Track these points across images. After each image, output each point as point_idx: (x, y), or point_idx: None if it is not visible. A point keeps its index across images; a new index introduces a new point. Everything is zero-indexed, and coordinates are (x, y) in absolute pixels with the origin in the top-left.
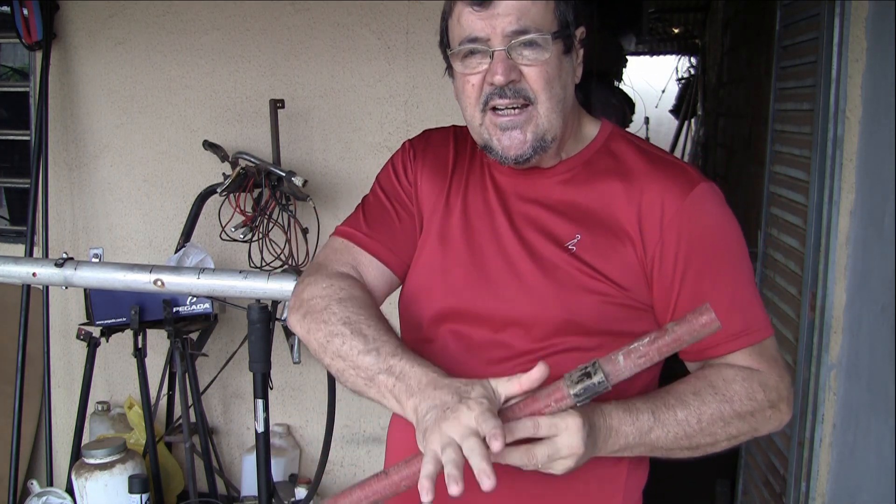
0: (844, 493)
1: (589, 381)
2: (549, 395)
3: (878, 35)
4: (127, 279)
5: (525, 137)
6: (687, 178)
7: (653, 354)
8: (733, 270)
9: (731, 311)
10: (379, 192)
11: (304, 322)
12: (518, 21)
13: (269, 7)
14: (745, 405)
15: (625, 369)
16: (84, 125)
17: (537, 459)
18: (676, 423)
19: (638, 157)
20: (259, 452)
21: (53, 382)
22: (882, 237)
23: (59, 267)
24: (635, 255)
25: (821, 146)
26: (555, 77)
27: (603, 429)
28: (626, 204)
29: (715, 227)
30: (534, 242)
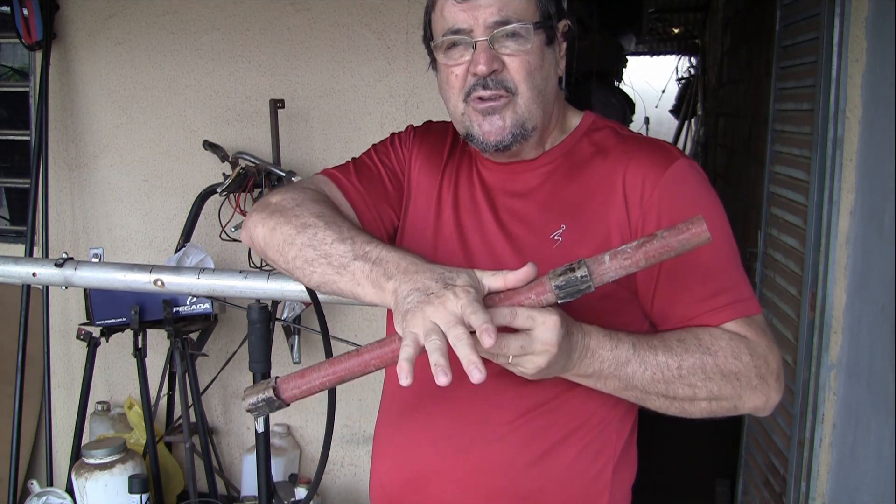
0: (844, 493)
1: (572, 275)
2: (530, 288)
3: (878, 35)
4: (127, 279)
5: (504, 123)
6: (666, 154)
7: (639, 258)
8: (717, 244)
9: (717, 284)
10: (373, 154)
11: (270, 220)
12: (500, 12)
13: (269, 7)
14: (730, 363)
15: (609, 269)
16: (84, 125)
17: (509, 349)
18: (656, 364)
19: (617, 140)
20: (259, 452)
21: (53, 382)
22: (882, 237)
23: (59, 267)
24: (621, 237)
25: (821, 146)
26: (536, 68)
27: (580, 345)
28: (609, 184)
29: (696, 201)
30: (519, 236)
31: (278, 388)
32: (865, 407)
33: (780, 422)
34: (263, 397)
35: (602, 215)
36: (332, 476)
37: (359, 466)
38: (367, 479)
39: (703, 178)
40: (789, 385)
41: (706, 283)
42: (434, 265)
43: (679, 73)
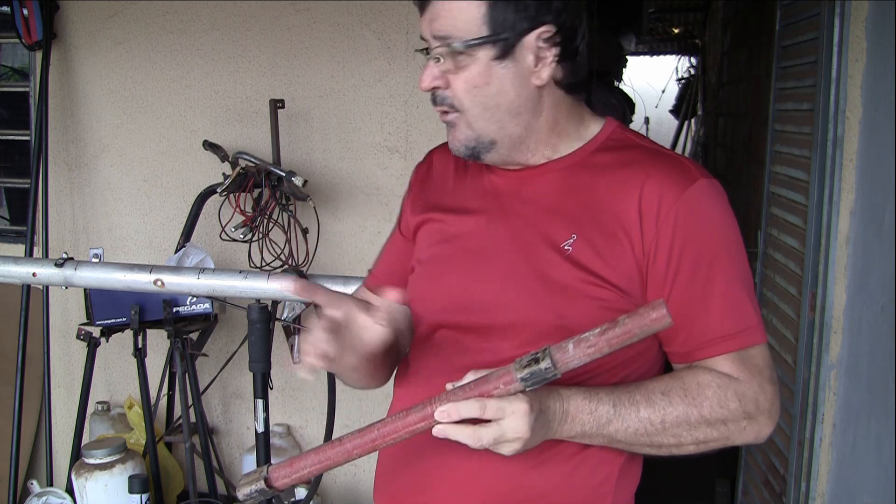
0: (844, 493)
1: (536, 367)
2: (499, 378)
3: (878, 35)
4: (127, 279)
5: (458, 137)
6: (686, 173)
7: (602, 345)
8: (728, 270)
9: (722, 313)
10: (396, 227)
11: None
12: (442, 27)
13: (269, 7)
14: (716, 412)
15: (574, 358)
16: (84, 125)
17: (483, 441)
18: (638, 420)
19: (638, 152)
20: (259, 452)
21: (53, 382)
22: (882, 237)
23: (59, 267)
24: (632, 252)
25: (821, 146)
26: (481, 85)
27: (558, 413)
28: (625, 200)
29: (711, 224)
30: (530, 244)
31: (269, 478)
32: (865, 407)
33: (780, 422)
34: (256, 488)
35: (615, 230)
36: (332, 476)
37: (359, 466)
38: (367, 480)
39: (723, 200)
40: (789, 385)
41: (711, 311)
42: None
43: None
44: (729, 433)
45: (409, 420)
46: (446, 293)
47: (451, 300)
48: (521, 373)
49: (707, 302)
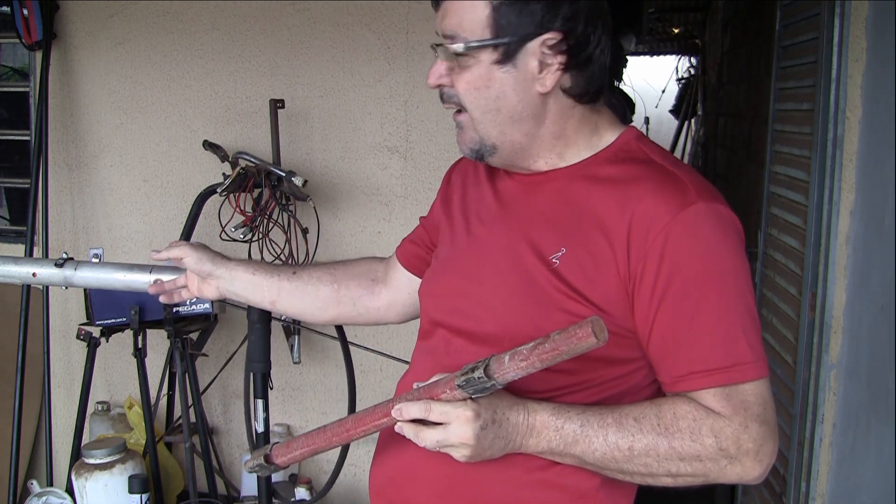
0: (844, 493)
1: (471, 375)
2: (445, 384)
3: (878, 35)
4: (127, 279)
5: (465, 138)
6: (684, 195)
7: (533, 360)
8: (721, 300)
9: (709, 345)
10: (428, 212)
11: None
12: (449, 25)
13: (269, 7)
14: (687, 447)
15: (509, 370)
16: (84, 125)
17: (426, 442)
18: (605, 444)
19: (643, 167)
20: None
21: (53, 382)
22: (882, 237)
23: (59, 267)
24: (618, 273)
25: (821, 146)
26: (481, 87)
27: (521, 425)
28: (619, 217)
29: (704, 250)
30: (521, 253)
31: (270, 455)
32: (865, 407)
33: (780, 422)
34: (258, 462)
35: (603, 248)
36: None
37: (359, 466)
38: (366, 479)
39: (721, 226)
40: (789, 385)
41: (698, 342)
42: None
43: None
44: (706, 470)
45: (375, 415)
46: (445, 293)
47: (448, 301)
48: (458, 379)
49: (694, 332)
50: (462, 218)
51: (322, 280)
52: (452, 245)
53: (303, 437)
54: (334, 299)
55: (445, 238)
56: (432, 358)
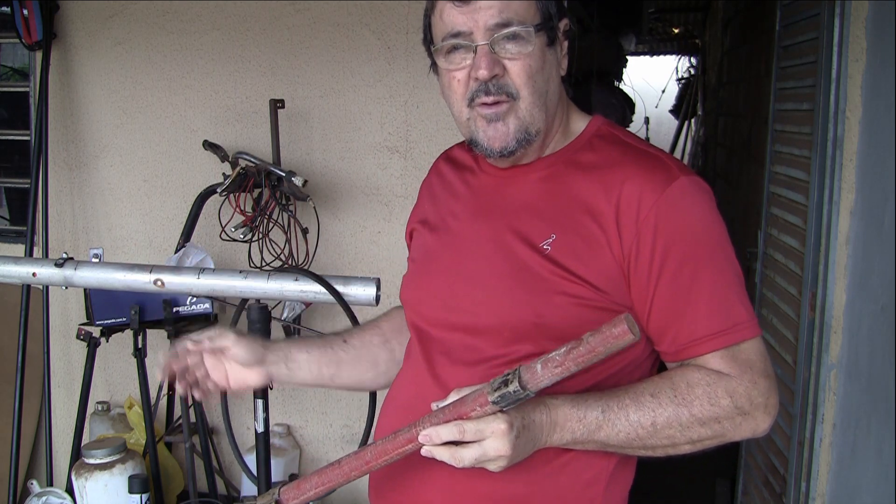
0: (844, 493)
1: (506, 390)
2: (475, 400)
3: (878, 35)
4: (127, 279)
5: (508, 129)
6: (666, 171)
7: (569, 365)
8: (713, 267)
9: (709, 311)
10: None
11: None
12: (500, 14)
13: (269, 7)
14: (707, 411)
15: (543, 378)
16: (84, 125)
17: (465, 462)
18: (628, 424)
19: (620, 151)
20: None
21: (53, 382)
22: (882, 237)
23: (59, 267)
24: (612, 253)
25: (821, 146)
26: (538, 70)
27: (546, 424)
28: (605, 198)
29: (693, 222)
30: (509, 243)
31: (280, 499)
32: (865, 407)
33: (780, 422)
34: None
35: (593, 230)
36: None
37: None
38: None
39: (705, 197)
40: (789, 385)
41: (698, 309)
42: None
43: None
44: (724, 430)
45: (398, 442)
46: (433, 292)
47: (437, 299)
48: (492, 396)
49: (693, 301)
50: (436, 220)
51: (373, 342)
52: (428, 247)
53: (315, 475)
54: (392, 360)
55: (419, 243)
56: (426, 358)
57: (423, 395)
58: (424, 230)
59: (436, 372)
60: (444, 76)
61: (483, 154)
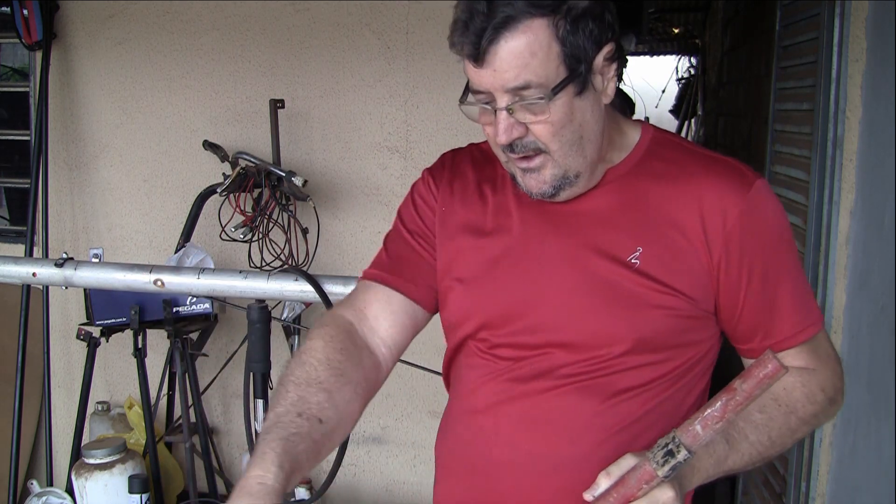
0: (844, 493)
1: (675, 461)
2: (639, 479)
3: (878, 35)
4: (127, 279)
5: (545, 178)
6: (743, 177)
7: (729, 416)
8: (792, 265)
9: (793, 308)
10: (400, 226)
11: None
12: (517, 78)
13: (269, 7)
14: (808, 409)
15: (703, 437)
16: (84, 125)
17: None
18: (749, 446)
19: (688, 158)
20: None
21: (53, 382)
22: (882, 237)
23: (59, 267)
24: (700, 263)
25: (821, 146)
26: (565, 125)
27: (688, 473)
28: (686, 209)
29: (774, 224)
30: (590, 260)
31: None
32: (865, 407)
33: None
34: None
35: (679, 241)
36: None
37: (359, 466)
38: (367, 480)
39: (774, 196)
40: None
41: (785, 306)
42: None
43: (679, 73)
44: (820, 421)
45: None
46: (501, 312)
47: (506, 319)
48: (661, 470)
49: (780, 300)
50: (486, 237)
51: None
52: (486, 265)
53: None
54: (362, 397)
55: (465, 260)
56: (498, 378)
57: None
58: (470, 246)
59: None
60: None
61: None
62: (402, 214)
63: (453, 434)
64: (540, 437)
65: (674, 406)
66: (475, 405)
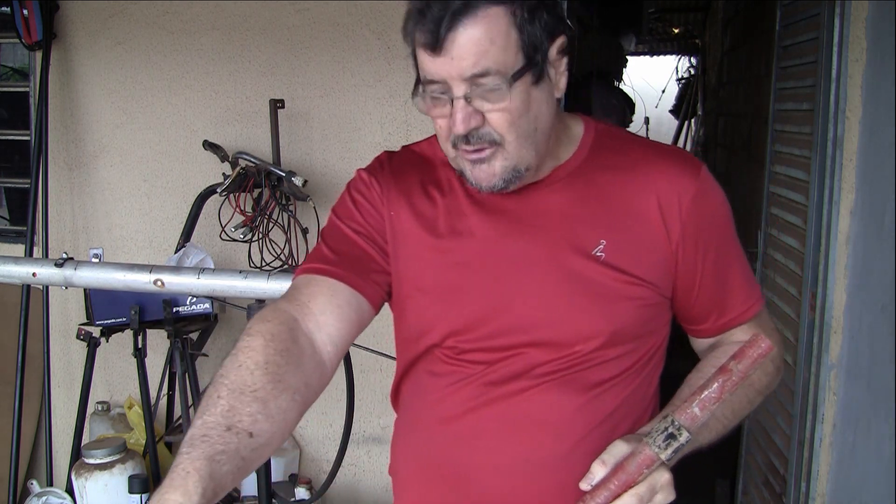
0: (844, 493)
1: (678, 444)
2: (639, 464)
3: (878, 35)
4: (127, 279)
5: (494, 170)
6: (690, 162)
7: (725, 396)
8: (738, 245)
9: (741, 286)
10: (341, 225)
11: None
12: (475, 65)
13: (269, 7)
14: (763, 381)
15: (701, 417)
16: (84, 125)
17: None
18: (717, 422)
19: (635, 148)
20: None
21: (53, 382)
22: (882, 237)
23: (59, 267)
24: (660, 247)
25: (821, 146)
26: (522, 114)
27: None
28: (642, 197)
29: (720, 208)
30: (559, 259)
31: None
32: (865, 407)
33: (780, 422)
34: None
35: (640, 229)
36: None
37: (358, 466)
38: (367, 480)
39: (716, 181)
40: (789, 385)
41: (735, 285)
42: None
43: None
44: (770, 389)
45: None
46: (470, 318)
47: (476, 324)
48: (665, 453)
49: (730, 280)
50: (444, 241)
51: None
52: (448, 270)
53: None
54: (301, 404)
55: (423, 266)
56: (472, 384)
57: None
58: (428, 251)
59: (486, 397)
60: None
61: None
62: (339, 214)
63: (420, 445)
64: (525, 438)
65: (641, 395)
66: (446, 413)
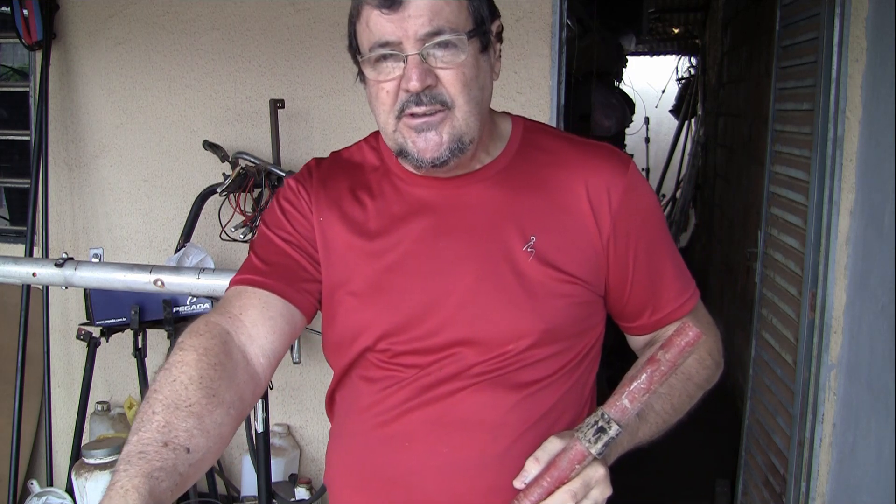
0: (844, 493)
1: (607, 437)
2: (572, 459)
3: (878, 35)
4: (127, 279)
5: (441, 139)
6: (619, 157)
7: (654, 387)
8: (669, 239)
9: (675, 280)
10: (270, 234)
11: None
12: (431, 22)
13: (269, 7)
14: (702, 374)
15: (631, 410)
16: (84, 125)
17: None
18: (656, 416)
19: (564, 144)
20: (259, 452)
21: (53, 382)
22: (882, 237)
23: (59, 267)
24: (591, 243)
25: (821, 146)
26: (472, 78)
27: (611, 451)
28: (572, 192)
29: (650, 201)
30: (489, 258)
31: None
32: (865, 407)
33: (780, 422)
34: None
35: (570, 225)
36: None
37: None
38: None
39: (643, 176)
40: (789, 385)
41: (668, 280)
42: None
43: (679, 73)
44: (709, 384)
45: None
46: (402, 319)
47: (408, 325)
48: (594, 447)
49: (663, 274)
50: (373, 241)
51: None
52: (378, 272)
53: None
54: (235, 418)
55: (351, 268)
56: (406, 386)
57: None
58: (356, 253)
59: (423, 398)
60: (371, 87)
61: (412, 166)
62: (269, 223)
63: (356, 451)
64: (461, 439)
65: (577, 393)
66: (381, 418)
